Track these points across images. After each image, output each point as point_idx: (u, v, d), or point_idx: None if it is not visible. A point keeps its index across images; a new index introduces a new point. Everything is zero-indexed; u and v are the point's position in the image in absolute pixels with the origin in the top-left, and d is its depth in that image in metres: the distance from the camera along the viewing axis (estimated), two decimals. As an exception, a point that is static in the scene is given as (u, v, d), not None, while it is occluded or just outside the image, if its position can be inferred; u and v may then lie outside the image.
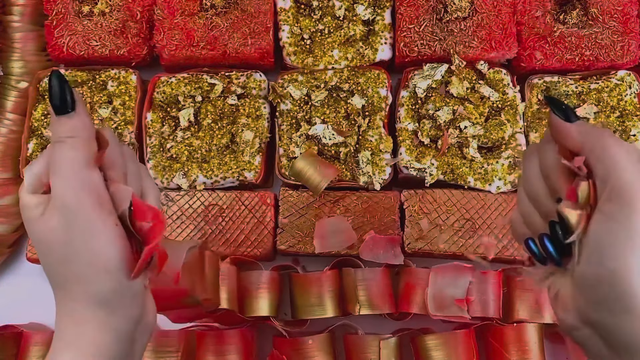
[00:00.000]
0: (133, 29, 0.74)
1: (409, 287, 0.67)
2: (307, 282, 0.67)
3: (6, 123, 0.75)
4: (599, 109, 0.71)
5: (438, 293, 0.65)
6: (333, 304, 0.67)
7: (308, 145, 0.71)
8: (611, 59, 0.72)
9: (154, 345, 0.65)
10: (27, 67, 0.77)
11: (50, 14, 0.75)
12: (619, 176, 0.36)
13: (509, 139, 0.70)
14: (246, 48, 0.72)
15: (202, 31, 0.73)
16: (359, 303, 0.66)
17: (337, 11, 0.74)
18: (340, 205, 0.70)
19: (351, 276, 0.67)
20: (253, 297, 0.66)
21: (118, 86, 0.74)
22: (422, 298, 0.66)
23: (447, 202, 0.70)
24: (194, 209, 0.71)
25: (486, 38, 0.71)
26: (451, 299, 0.65)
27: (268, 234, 0.70)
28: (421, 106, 0.72)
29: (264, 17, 0.73)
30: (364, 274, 0.66)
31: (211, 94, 0.72)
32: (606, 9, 0.72)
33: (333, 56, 0.73)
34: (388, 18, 0.74)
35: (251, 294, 0.66)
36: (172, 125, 0.73)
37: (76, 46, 0.74)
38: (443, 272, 0.65)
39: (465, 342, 0.65)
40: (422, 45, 0.72)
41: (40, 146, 0.72)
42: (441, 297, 0.65)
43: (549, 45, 0.72)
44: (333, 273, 0.68)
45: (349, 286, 0.67)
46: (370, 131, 0.71)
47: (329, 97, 0.72)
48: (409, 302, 0.66)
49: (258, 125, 0.72)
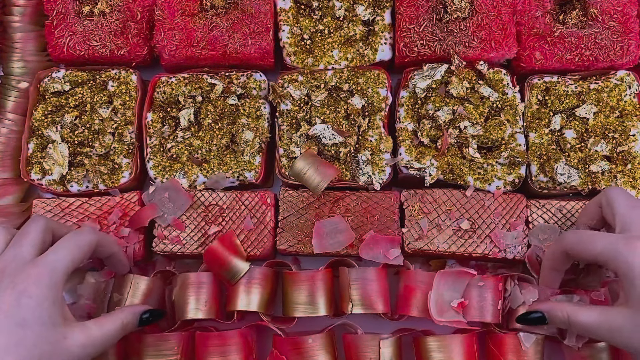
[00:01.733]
0: (133, 29, 0.74)
1: (408, 290, 0.67)
2: (299, 279, 0.66)
3: (6, 123, 0.75)
4: (598, 109, 0.71)
5: (440, 298, 0.65)
6: (325, 302, 0.66)
7: (308, 145, 0.71)
8: (611, 59, 0.72)
9: (154, 346, 0.65)
10: (28, 67, 0.77)
11: (50, 14, 0.75)
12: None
13: (509, 139, 0.70)
14: (246, 48, 0.73)
15: (202, 31, 0.73)
16: (352, 302, 0.65)
17: (337, 11, 0.74)
18: (340, 205, 0.70)
19: (345, 275, 0.66)
20: (243, 291, 0.66)
21: (118, 86, 0.74)
22: (422, 301, 0.66)
23: (447, 202, 0.70)
24: (194, 209, 0.71)
25: (486, 38, 0.71)
26: (450, 304, 0.65)
27: (268, 234, 0.70)
28: (421, 106, 0.72)
29: (264, 18, 0.73)
30: (358, 273, 0.66)
31: (211, 94, 0.72)
32: (606, 9, 0.72)
33: (333, 56, 0.73)
34: (388, 18, 0.74)
35: (242, 288, 0.66)
36: (172, 125, 0.73)
37: (76, 46, 0.74)
38: (446, 277, 0.66)
39: (467, 346, 0.65)
40: (422, 45, 0.72)
41: (40, 146, 0.72)
42: (442, 302, 0.65)
43: (548, 46, 0.73)
44: (327, 272, 0.67)
45: (343, 285, 0.67)
46: (370, 131, 0.71)
47: (329, 97, 0.72)
48: (408, 305, 0.66)
49: (258, 125, 0.72)
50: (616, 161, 0.70)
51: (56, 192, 0.72)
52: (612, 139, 0.70)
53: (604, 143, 0.70)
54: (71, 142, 0.72)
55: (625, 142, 0.70)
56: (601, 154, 0.70)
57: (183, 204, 0.70)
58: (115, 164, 0.72)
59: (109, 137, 0.72)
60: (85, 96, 0.73)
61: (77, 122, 0.73)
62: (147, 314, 0.62)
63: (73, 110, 0.73)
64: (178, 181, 0.71)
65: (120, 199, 0.71)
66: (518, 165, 0.70)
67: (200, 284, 0.67)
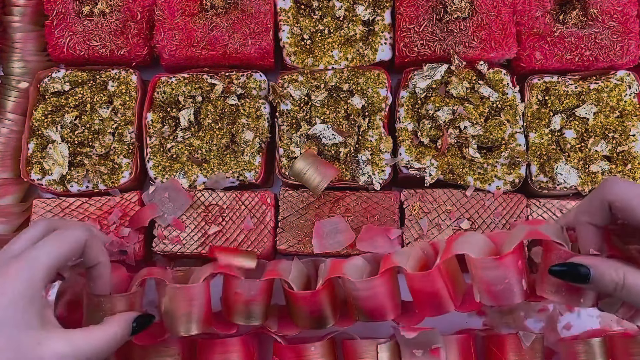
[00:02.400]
0: (133, 29, 0.74)
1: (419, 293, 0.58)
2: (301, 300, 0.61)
3: (6, 123, 0.75)
4: (598, 109, 0.71)
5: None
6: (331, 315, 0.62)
7: (308, 145, 0.71)
8: (611, 59, 0.72)
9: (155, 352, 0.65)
10: (28, 67, 0.77)
11: (50, 14, 0.75)
12: None
13: (509, 139, 0.70)
14: (246, 48, 0.73)
15: (202, 31, 0.73)
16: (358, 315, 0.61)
17: (337, 11, 0.74)
18: (340, 205, 0.70)
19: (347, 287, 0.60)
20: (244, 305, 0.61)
21: (118, 86, 0.74)
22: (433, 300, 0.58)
23: (447, 202, 0.70)
24: (194, 209, 0.71)
25: (486, 38, 0.71)
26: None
27: (268, 234, 0.70)
28: (421, 106, 0.72)
29: (264, 18, 0.73)
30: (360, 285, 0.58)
31: (211, 94, 0.72)
32: (606, 9, 0.72)
33: (333, 56, 0.73)
34: (388, 18, 0.74)
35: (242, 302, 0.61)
36: (172, 125, 0.73)
37: (76, 46, 0.74)
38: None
39: (464, 347, 0.65)
40: (422, 45, 0.72)
41: (40, 146, 0.72)
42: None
43: (548, 46, 0.73)
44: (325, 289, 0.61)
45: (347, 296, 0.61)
46: (370, 131, 0.71)
47: (329, 97, 0.73)
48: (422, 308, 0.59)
49: (258, 125, 0.72)
50: (616, 161, 0.70)
51: (56, 192, 0.72)
52: (612, 139, 0.70)
53: (604, 143, 0.70)
54: (71, 142, 0.72)
55: (625, 142, 0.70)
56: (601, 154, 0.70)
57: (183, 204, 0.70)
58: (115, 164, 0.72)
59: (109, 137, 0.72)
60: (85, 96, 0.73)
61: (77, 122, 0.73)
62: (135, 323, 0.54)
63: (73, 110, 0.73)
64: (178, 181, 0.71)
65: (120, 199, 0.71)
66: (518, 165, 0.70)
67: (191, 298, 0.60)
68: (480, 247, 0.55)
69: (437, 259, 0.56)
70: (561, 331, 0.71)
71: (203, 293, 0.60)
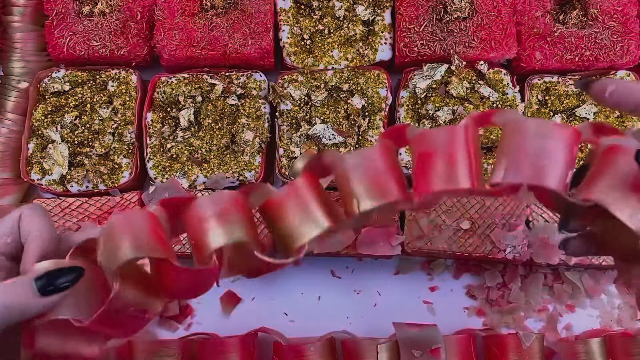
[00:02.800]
0: (133, 29, 0.74)
1: (424, 157, 0.46)
2: (281, 202, 0.48)
3: (6, 123, 0.75)
4: (598, 109, 0.71)
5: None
6: (324, 213, 0.47)
7: (308, 145, 0.71)
8: (611, 59, 0.72)
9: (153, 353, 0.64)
10: (28, 67, 0.77)
11: (50, 14, 0.75)
12: None
13: (509, 139, 0.70)
14: (246, 48, 0.73)
15: (202, 31, 0.73)
16: (357, 197, 0.45)
17: (337, 11, 0.74)
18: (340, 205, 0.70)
19: (339, 167, 0.46)
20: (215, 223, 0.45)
21: (118, 86, 0.74)
22: (443, 167, 0.44)
23: (447, 202, 0.70)
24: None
25: (486, 38, 0.71)
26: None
27: (268, 234, 0.70)
28: (421, 106, 0.72)
29: (264, 18, 0.73)
30: (354, 158, 0.45)
31: (211, 94, 0.73)
32: (606, 9, 0.72)
33: (333, 56, 0.73)
34: (388, 18, 0.74)
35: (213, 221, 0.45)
36: (172, 125, 0.73)
37: (76, 46, 0.74)
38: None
39: (464, 347, 0.65)
40: (422, 45, 0.72)
41: (40, 146, 0.72)
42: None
43: (548, 46, 0.73)
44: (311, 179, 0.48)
45: (340, 181, 0.46)
46: (370, 131, 0.71)
47: (329, 97, 0.73)
48: (427, 178, 0.45)
49: (258, 125, 0.72)
50: (616, 161, 0.70)
51: (56, 192, 0.72)
52: (612, 139, 0.70)
53: (604, 143, 0.70)
54: (71, 142, 0.72)
55: (625, 142, 0.70)
56: (601, 154, 0.70)
57: (183, 204, 0.70)
58: (115, 164, 0.72)
59: (109, 137, 0.72)
60: (85, 96, 0.73)
61: (77, 122, 0.73)
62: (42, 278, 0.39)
63: (73, 110, 0.73)
64: (178, 181, 0.71)
65: (120, 199, 0.71)
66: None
67: (132, 224, 0.40)
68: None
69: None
70: (561, 331, 0.71)
71: (148, 221, 0.42)
